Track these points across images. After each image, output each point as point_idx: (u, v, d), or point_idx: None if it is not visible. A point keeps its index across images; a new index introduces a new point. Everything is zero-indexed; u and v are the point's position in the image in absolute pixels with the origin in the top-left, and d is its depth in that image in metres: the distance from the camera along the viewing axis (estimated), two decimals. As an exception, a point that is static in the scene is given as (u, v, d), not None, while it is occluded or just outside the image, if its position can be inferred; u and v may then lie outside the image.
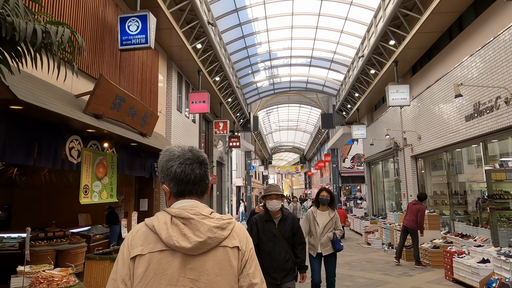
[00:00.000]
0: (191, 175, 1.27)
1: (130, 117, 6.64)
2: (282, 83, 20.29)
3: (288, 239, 3.69)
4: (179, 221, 1.19)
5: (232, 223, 1.27)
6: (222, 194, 19.70)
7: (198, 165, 1.29)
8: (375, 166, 18.44)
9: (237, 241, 1.25)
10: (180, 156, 1.28)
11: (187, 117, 12.50)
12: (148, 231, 1.21)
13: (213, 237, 1.18)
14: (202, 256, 1.18)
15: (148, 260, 1.16)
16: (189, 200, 1.28)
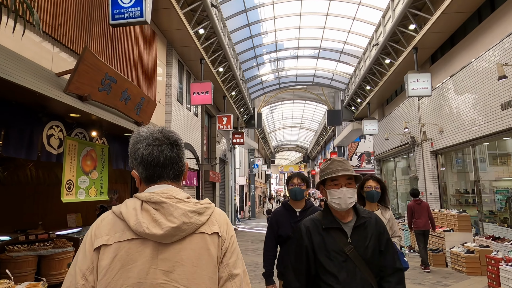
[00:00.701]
0: (159, 157, 1.14)
1: (123, 102, 5.75)
2: (288, 76, 19.38)
3: (371, 261, 1.83)
4: (150, 206, 1.07)
5: (211, 208, 1.16)
6: (225, 193, 18.83)
7: (168, 146, 1.16)
8: (386, 163, 17.53)
9: (217, 227, 1.13)
10: (148, 137, 1.16)
11: (188, 109, 11.61)
12: (116, 219, 1.08)
13: (188, 223, 1.06)
14: (177, 245, 1.05)
15: (115, 250, 1.02)
16: (161, 185, 1.15)
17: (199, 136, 12.96)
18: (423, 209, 7.56)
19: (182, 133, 10.73)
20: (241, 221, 24.37)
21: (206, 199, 1.19)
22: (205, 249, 1.08)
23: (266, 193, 46.81)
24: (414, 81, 10.02)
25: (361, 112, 18.07)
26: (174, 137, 1.20)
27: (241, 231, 17.75)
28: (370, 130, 15.89)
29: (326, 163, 1.94)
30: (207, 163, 13.39)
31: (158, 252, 1.04)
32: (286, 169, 60.16)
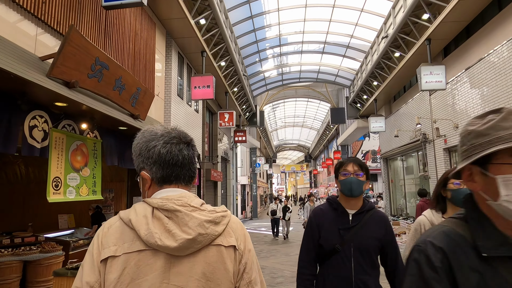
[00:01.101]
0: (178, 156, 1.05)
1: (117, 91, 5.21)
2: (292, 73, 18.83)
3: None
4: (162, 214, 0.96)
5: (227, 217, 1.05)
6: (227, 193, 18.32)
7: (185, 146, 1.08)
8: (393, 162, 16.97)
9: (234, 238, 1.02)
10: (164, 135, 1.06)
11: (189, 105, 11.08)
12: (124, 226, 0.97)
13: (204, 234, 0.96)
14: (191, 258, 0.96)
15: (123, 263, 0.93)
16: (174, 189, 1.04)
17: (200, 133, 12.43)
18: None
19: (182, 129, 10.19)
20: (243, 221, 23.85)
21: (222, 206, 1.10)
22: (221, 263, 0.99)
23: (267, 193, 46.29)
24: (427, 74, 9.47)
25: (367, 109, 17.52)
26: (189, 137, 1.13)
27: (244, 232, 17.22)
28: (377, 128, 15.34)
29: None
30: (208, 161, 12.87)
31: (170, 265, 0.95)
32: (288, 169, 59.66)
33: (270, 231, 15.61)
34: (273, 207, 13.52)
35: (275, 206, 13.44)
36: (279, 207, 13.40)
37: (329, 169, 36.67)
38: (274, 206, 13.50)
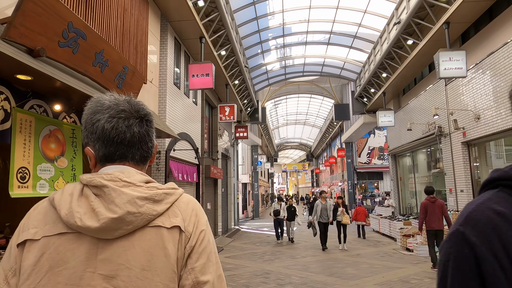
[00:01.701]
0: (126, 133, 0.90)
1: (98, 68, 4.43)
2: (295, 66, 18.03)
3: None
4: (90, 191, 0.85)
5: (174, 195, 0.89)
6: (228, 191, 17.54)
7: (137, 121, 0.92)
8: (402, 158, 16.18)
9: (180, 219, 0.87)
10: (111, 106, 0.92)
11: (186, 95, 10.29)
12: (49, 207, 0.87)
13: (136, 213, 0.81)
14: (123, 242, 0.81)
15: (42, 247, 0.81)
16: (117, 166, 0.91)
17: (199, 127, 11.65)
18: (437, 208, 7.24)
19: (180, 122, 9.42)
20: (244, 221, 23.08)
21: (170, 183, 0.92)
22: (161, 248, 0.83)
23: (268, 192, 45.54)
24: (446, 60, 8.68)
25: (374, 104, 16.72)
26: (145, 110, 0.96)
27: (245, 232, 16.44)
28: (386, 122, 14.53)
29: None
30: (207, 157, 12.08)
31: (97, 251, 0.81)
32: (289, 168, 58.99)
33: (272, 231, 14.81)
34: (276, 207, 12.60)
35: (278, 206, 12.53)
36: (282, 207, 12.49)
37: (332, 168, 35.87)
38: (277, 206, 12.58)
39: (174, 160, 8.99)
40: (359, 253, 9.73)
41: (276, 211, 12.49)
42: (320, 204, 10.66)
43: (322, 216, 10.51)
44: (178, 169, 9.14)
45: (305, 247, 11.09)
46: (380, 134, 24.89)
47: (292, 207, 12.44)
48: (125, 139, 0.90)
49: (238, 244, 12.18)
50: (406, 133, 14.19)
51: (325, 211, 10.57)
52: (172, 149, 8.76)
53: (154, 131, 1.00)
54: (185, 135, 9.82)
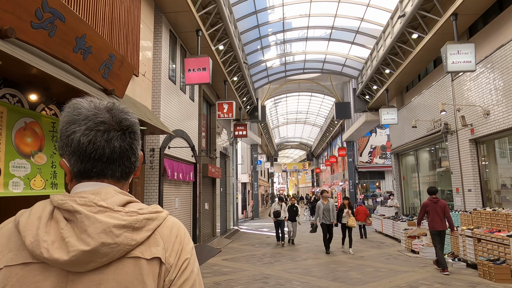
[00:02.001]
0: (105, 149, 0.80)
1: (80, 55, 4.02)
2: (296, 63, 17.63)
3: None
4: (61, 215, 0.74)
5: (157, 220, 0.79)
6: (227, 191, 17.15)
7: (118, 134, 0.82)
8: (405, 157, 15.78)
9: (160, 248, 0.77)
10: (89, 117, 0.80)
11: (183, 91, 9.89)
12: (14, 230, 0.76)
13: (111, 244, 0.72)
14: (96, 275, 0.72)
15: (4, 278, 0.71)
16: (94, 183, 0.81)
17: (196, 125, 11.26)
18: (440, 209, 7.13)
19: (175, 118, 9.03)
20: (244, 221, 22.68)
21: (153, 206, 0.82)
22: (139, 283, 0.72)
23: (268, 192, 45.15)
24: (454, 53, 8.28)
25: (376, 101, 16.33)
26: (129, 121, 0.84)
27: (244, 233, 16.05)
28: (388, 120, 14.14)
29: None
30: (205, 155, 11.68)
31: (66, 285, 0.72)
32: (290, 167, 58.65)
33: (272, 232, 14.41)
34: (276, 208, 11.91)
35: (279, 207, 11.84)
36: (283, 208, 11.81)
37: (333, 167, 35.48)
38: (277, 206, 11.90)
39: (169, 158, 8.59)
40: (362, 255, 9.33)
41: (276, 212, 11.81)
42: (322, 204, 9.96)
43: (325, 217, 9.85)
44: (174, 167, 8.74)
45: (306, 249, 10.68)
46: (382, 132, 24.50)
47: (294, 207, 11.76)
48: (103, 155, 0.80)
49: (236, 246, 11.78)
50: (409, 131, 13.80)
51: (327, 212, 9.85)
52: (167, 146, 8.37)
53: (139, 142, 0.89)
54: (181, 132, 9.42)
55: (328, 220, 9.87)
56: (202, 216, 11.90)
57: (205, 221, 12.34)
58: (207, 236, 12.57)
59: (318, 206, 10.08)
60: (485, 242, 6.77)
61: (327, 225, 9.87)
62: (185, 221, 10.11)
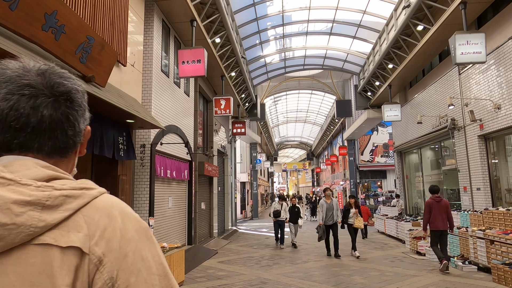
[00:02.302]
0: (29, 117, 0.66)
1: (50, 34, 3.56)
2: (295, 58, 17.16)
3: None
4: None
5: (81, 197, 0.63)
6: (225, 190, 16.69)
7: (50, 101, 0.68)
8: (408, 156, 15.32)
9: (82, 235, 0.60)
10: (13, 79, 0.67)
11: (177, 85, 9.43)
12: None
13: (8, 224, 0.58)
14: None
15: None
16: (17, 156, 0.67)
17: (191, 121, 10.80)
18: (442, 208, 7.05)
19: (169, 113, 8.57)
20: (243, 221, 22.24)
21: (82, 180, 0.67)
22: (47, 277, 0.57)
23: (268, 191, 44.72)
24: (463, 43, 7.80)
25: (378, 98, 15.85)
26: (65, 86, 0.70)
27: (243, 233, 15.60)
28: (391, 117, 13.67)
29: None
30: (201, 153, 11.22)
31: None
32: (290, 167, 58.24)
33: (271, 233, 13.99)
34: (276, 207, 11.25)
35: (279, 206, 11.19)
36: (284, 207, 11.07)
37: (333, 166, 35.03)
38: (278, 206, 11.27)
39: (162, 155, 8.13)
40: (366, 257, 8.87)
41: (276, 211, 11.08)
42: (325, 203, 9.36)
43: (327, 217, 9.26)
44: (166, 165, 8.28)
45: (306, 251, 10.21)
46: (384, 131, 24.04)
47: (295, 208, 11.12)
48: (27, 125, 0.66)
49: (234, 247, 11.32)
50: (413, 128, 13.34)
51: (331, 211, 9.25)
52: (159, 142, 7.90)
53: (83, 113, 0.74)
54: (175, 128, 8.96)
55: (331, 220, 9.25)
56: (198, 216, 11.44)
57: (201, 221, 11.89)
58: (203, 236, 12.11)
59: (321, 205, 9.47)
60: (499, 244, 6.31)
61: (329, 225, 9.29)
62: (179, 221, 9.66)
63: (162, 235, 8.17)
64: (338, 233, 9.22)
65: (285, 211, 11.00)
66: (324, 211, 9.30)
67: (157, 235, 7.79)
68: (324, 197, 9.65)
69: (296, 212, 11.01)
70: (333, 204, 9.34)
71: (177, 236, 9.40)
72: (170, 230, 8.79)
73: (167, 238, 8.46)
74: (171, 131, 8.68)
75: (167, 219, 8.65)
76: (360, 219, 9.24)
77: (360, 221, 9.23)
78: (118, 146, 5.75)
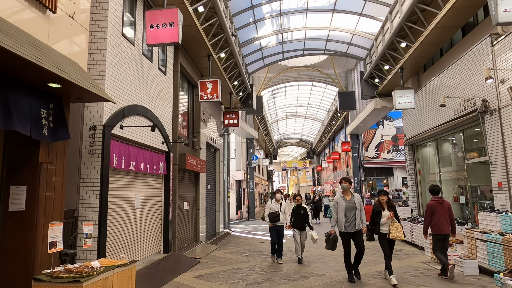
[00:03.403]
0: None
1: None
2: (294, 41, 15.43)
3: None
4: None
5: None
6: (216, 189, 14.98)
7: None
8: (422, 149, 13.59)
9: None
10: None
11: (148, 58, 7.72)
12: None
13: None
14: None
15: None
16: None
17: (169, 105, 9.10)
18: (445, 210, 6.54)
19: (134, 91, 6.88)
20: (238, 222, 20.54)
21: None
22: None
23: (268, 191, 43.02)
24: (506, -1, 6.08)
25: (387, 85, 14.12)
26: None
27: (235, 237, 13.89)
28: (404, 104, 11.94)
29: None
30: (183, 143, 9.49)
31: None
32: (290, 165, 56.59)
33: (267, 236, 12.30)
34: (272, 208, 8.27)
35: (276, 206, 8.27)
36: (283, 208, 8.27)
37: (335, 164, 33.30)
38: (275, 205, 8.30)
39: (123, 142, 6.42)
40: (380, 268, 7.14)
41: (273, 214, 8.19)
42: (342, 200, 6.32)
43: (348, 222, 6.21)
44: (130, 154, 6.56)
45: (307, 259, 8.47)
46: (390, 125, 22.32)
47: (301, 209, 8.33)
48: None
49: (221, 254, 9.62)
50: (429, 116, 11.62)
51: (352, 212, 6.21)
52: (119, 125, 6.19)
53: None
54: (143, 109, 7.25)
55: (353, 226, 6.20)
56: (180, 218, 9.73)
57: (184, 224, 10.18)
58: (187, 241, 10.40)
59: (335, 203, 6.41)
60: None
61: (351, 234, 6.22)
62: (153, 225, 7.95)
63: (124, 245, 6.45)
64: (363, 246, 6.26)
65: (284, 214, 8.32)
66: (342, 212, 6.25)
67: (114, 246, 6.07)
68: (341, 192, 6.60)
69: (302, 215, 8.27)
70: (355, 201, 6.29)
71: (149, 243, 7.70)
72: (137, 237, 7.08)
73: (132, 247, 6.75)
74: (138, 113, 6.97)
75: (133, 222, 6.95)
76: (397, 226, 6.28)
77: (399, 229, 6.28)
78: (39, 121, 4.05)
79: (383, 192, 6.75)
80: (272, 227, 8.30)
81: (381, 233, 6.35)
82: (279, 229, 8.28)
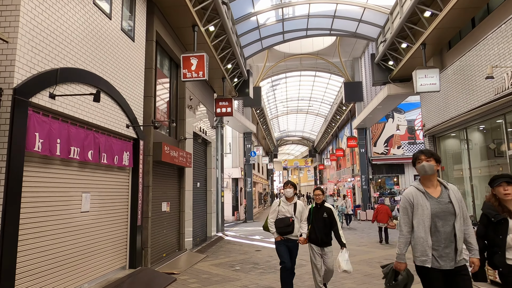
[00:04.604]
0: None
1: None
2: (296, 19, 13.54)
3: None
4: None
5: None
6: (207, 187, 13.13)
7: None
8: (445, 140, 11.72)
9: None
10: None
11: (104, 13, 5.83)
12: None
13: None
14: None
15: None
16: None
17: (140, 81, 7.25)
18: None
19: (75, 46, 5.01)
20: (234, 224, 18.69)
21: None
22: None
23: (268, 190, 41.19)
24: None
25: (403, 68, 12.23)
26: None
27: (228, 242, 12.02)
28: (427, 86, 10.04)
29: None
30: (151, 125, 7.59)
31: None
32: (291, 164, 54.83)
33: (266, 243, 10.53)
34: (281, 211, 5.07)
35: (287, 208, 5.07)
36: (299, 210, 5.11)
37: (339, 162, 31.41)
38: (285, 207, 5.09)
39: (57, 119, 4.54)
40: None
41: (282, 221, 5.03)
42: (427, 199, 2.84)
43: (440, 245, 2.77)
44: (70, 137, 4.68)
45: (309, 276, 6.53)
46: (401, 117, 20.45)
47: (323, 211, 5.10)
48: None
49: (206, 267, 7.75)
50: (457, 101, 9.76)
51: (448, 221, 2.78)
52: (48, 93, 4.32)
53: None
54: (95, 78, 5.37)
55: (453, 257, 2.76)
56: (155, 223, 7.86)
57: (161, 229, 8.30)
58: (167, 250, 8.54)
59: (409, 203, 2.92)
60: None
61: (448, 273, 2.78)
62: (115, 233, 6.08)
63: (60, 264, 4.57)
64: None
65: (298, 220, 5.12)
66: (426, 222, 2.81)
67: (35, 270, 4.19)
68: (421, 183, 2.96)
69: (325, 221, 5.05)
70: (451, 199, 2.83)
71: (107, 257, 5.83)
72: (87, 251, 5.21)
73: (76, 266, 4.86)
74: (84, 81, 5.09)
75: (79, 231, 5.07)
76: None
77: None
78: None
79: (504, 179, 3.06)
80: (281, 242, 5.07)
81: (510, 266, 2.94)
82: (292, 246, 5.09)
